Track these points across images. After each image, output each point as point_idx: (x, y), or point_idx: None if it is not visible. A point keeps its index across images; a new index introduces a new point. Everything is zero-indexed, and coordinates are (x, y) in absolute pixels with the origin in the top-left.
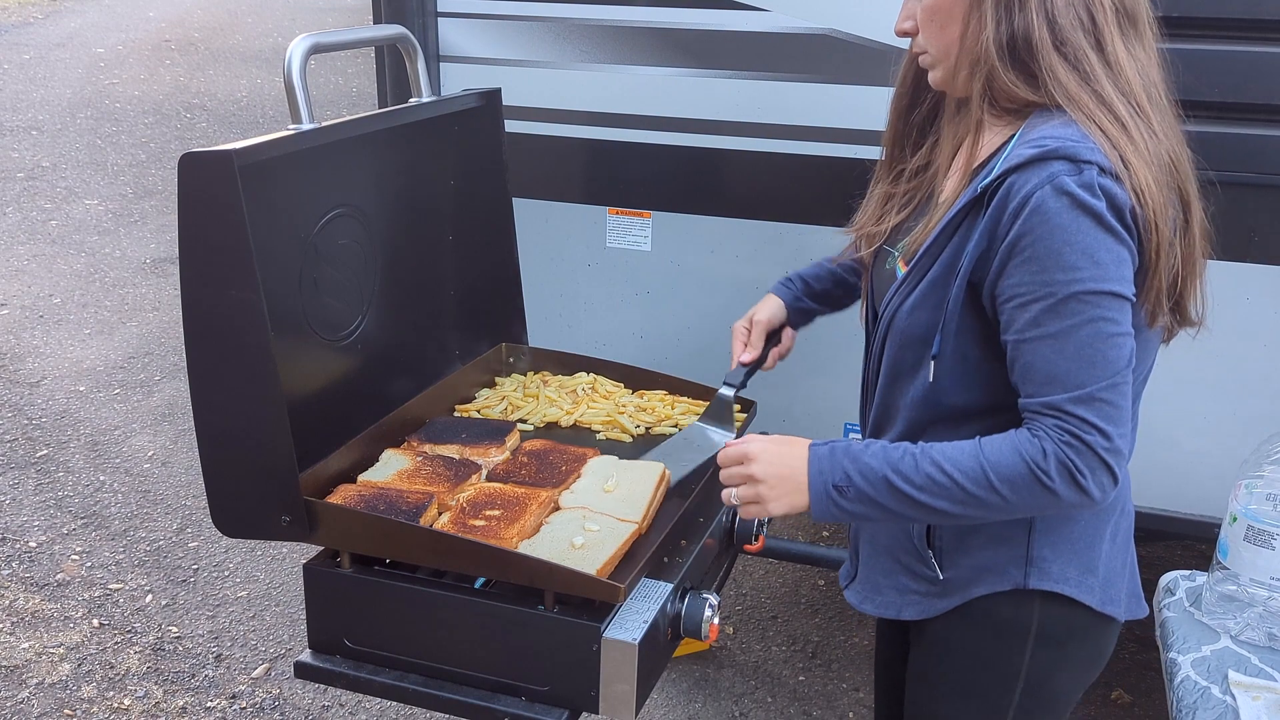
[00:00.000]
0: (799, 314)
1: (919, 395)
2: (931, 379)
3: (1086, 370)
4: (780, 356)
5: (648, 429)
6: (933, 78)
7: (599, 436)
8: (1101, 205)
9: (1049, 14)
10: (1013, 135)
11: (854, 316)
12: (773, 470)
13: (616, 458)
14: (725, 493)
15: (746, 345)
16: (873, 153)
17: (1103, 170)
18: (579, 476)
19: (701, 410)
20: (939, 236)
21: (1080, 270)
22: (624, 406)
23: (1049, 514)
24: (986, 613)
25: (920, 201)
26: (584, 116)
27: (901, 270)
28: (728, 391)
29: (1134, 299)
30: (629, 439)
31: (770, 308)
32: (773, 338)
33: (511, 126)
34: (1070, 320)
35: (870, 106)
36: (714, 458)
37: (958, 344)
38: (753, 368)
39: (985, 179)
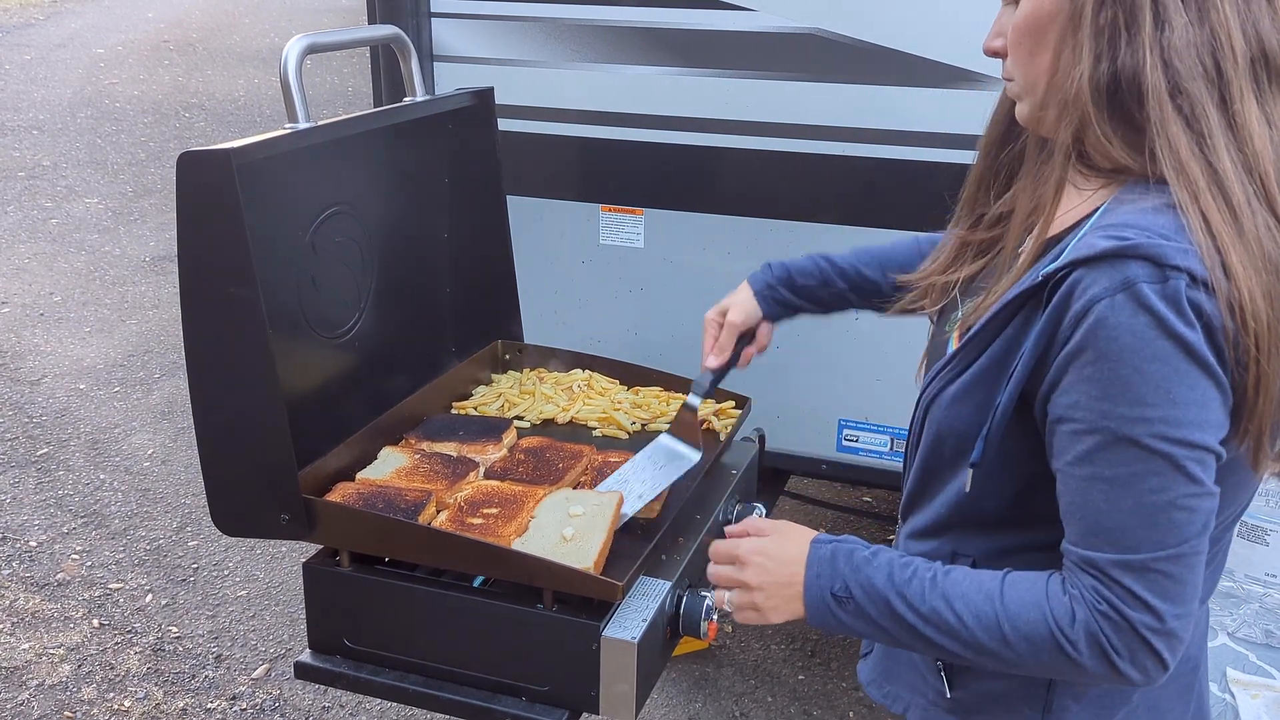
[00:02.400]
0: (777, 306)
1: (952, 498)
2: (968, 488)
3: (1145, 532)
4: (758, 351)
5: (643, 425)
6: (1019, 111)
7: (595, 433)
8: (1189, 329)
9: (1164, 53)
10: (1098, 208)
11: (849, 316)
12: (769, 578)
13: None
14: (718, 594)
15: (714, 347)
16: (859, 150)
17: (1194, 280)
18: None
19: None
20: (991, 320)
21: (1151, 408)
22: (619, 403)
23: (1079, 683)
24: None
25: (996, 255)
26: (576, 115)
27: (954, 345)
28: (694, 400)
29: (1220, 449)
30: (625, 435)
31: (744, 307)
32: (746, 336)
33: (505, 125)
34: (1132, 468)
35: (856, 104)
36: (682, 477)
37: (1002, 456)
38: (722, 372)
39: (1050, 264)
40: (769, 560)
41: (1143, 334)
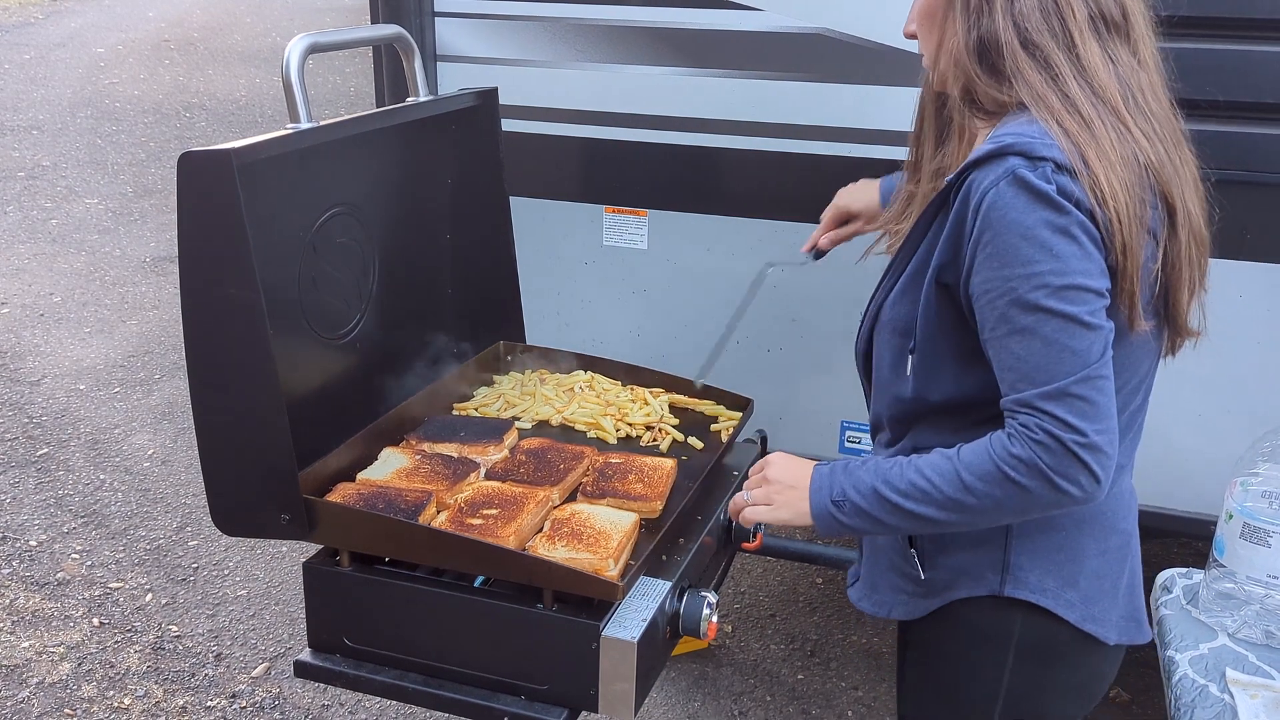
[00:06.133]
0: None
1: (901, 389)
2: (909, 373)
3: (1055, 365)
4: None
5: (628, 435)
6: (933, 77)
7: (588, 435)
8: (1060, 198)
9: (1015, 17)
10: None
11: (850, 316)
12: (784, 474)
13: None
14: (738, 495)
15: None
16: (866, 151)
17: (1059, 166)
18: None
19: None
20: (914, 231)
21: (1039, 264)
22: (610, 405)
23: (1034, 514)
24: (966, 618)
25: None
26: (580, 115)
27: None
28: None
29: (1105, 293)
30: (613, 441)
31: (864, 194)
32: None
33: (508, 125)
34: (1034, 315)
35: (863, 105)
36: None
37: (932, 341)
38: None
39: (951, 175)
40: (786, 462)
41: (1024, 207)
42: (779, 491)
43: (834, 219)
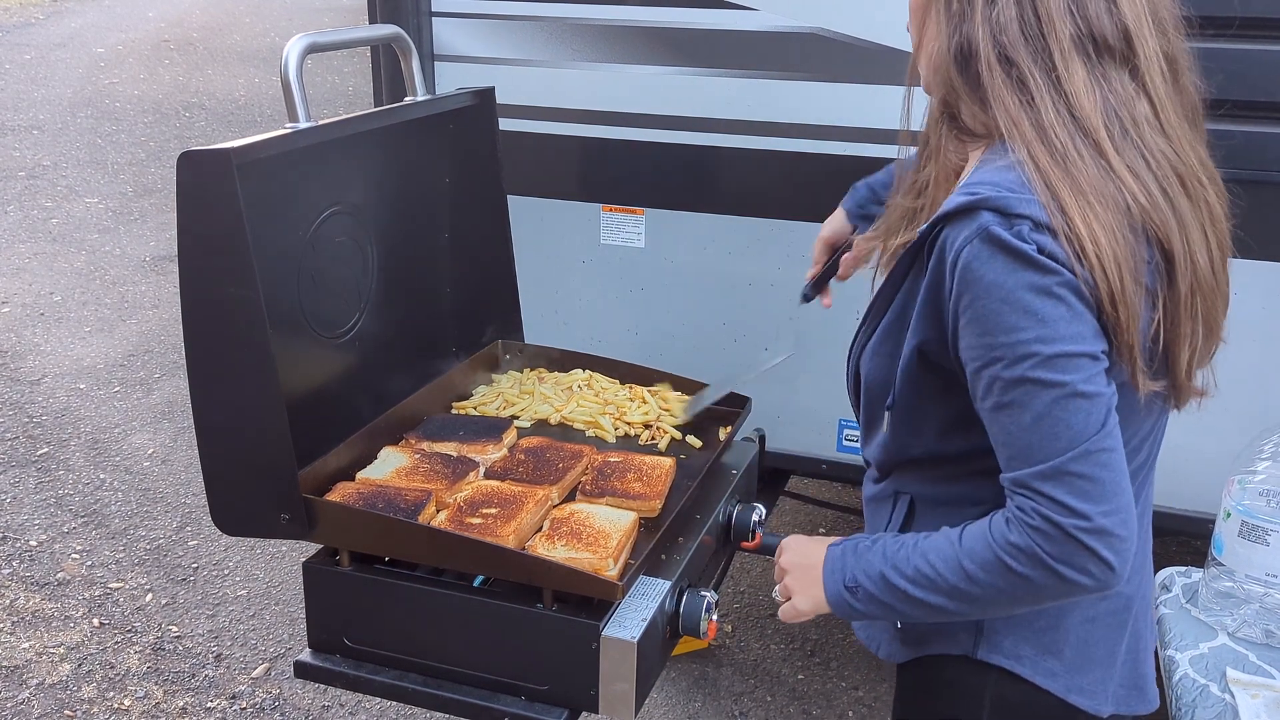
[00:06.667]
0: (865, 221)
1: (882, 440)
2: (885, 429)
3: (1049, 441)
4: (856, 263)
5: (627, 434)
6: (922, 84)
7: (586, 434)
8: (1039, 257)
9: (992, 27)
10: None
11: (850, 315)
12: (796, 560)
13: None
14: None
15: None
16: (860, 149)
17: (1037, 225)
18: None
19: (688, 403)
20: (889, 279)
21: (1024, 331)
22: (607, 405)
23: (1050, 603)
24: (941, 672)
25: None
26: (577, 114)
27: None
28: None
29: (1101, 355)
30: (612, 439)
31: (833, 223)
32: (843, 249)
33: (506, 125)
34: (1022, 388)
35: (857, 104)
36: (774, 364)
37: (915, 400)
38: (821, 279)
39: (924, 225)
40: (799, 547)
41: (1002, 269)
42: (795, 579)
43: (819, 254)
